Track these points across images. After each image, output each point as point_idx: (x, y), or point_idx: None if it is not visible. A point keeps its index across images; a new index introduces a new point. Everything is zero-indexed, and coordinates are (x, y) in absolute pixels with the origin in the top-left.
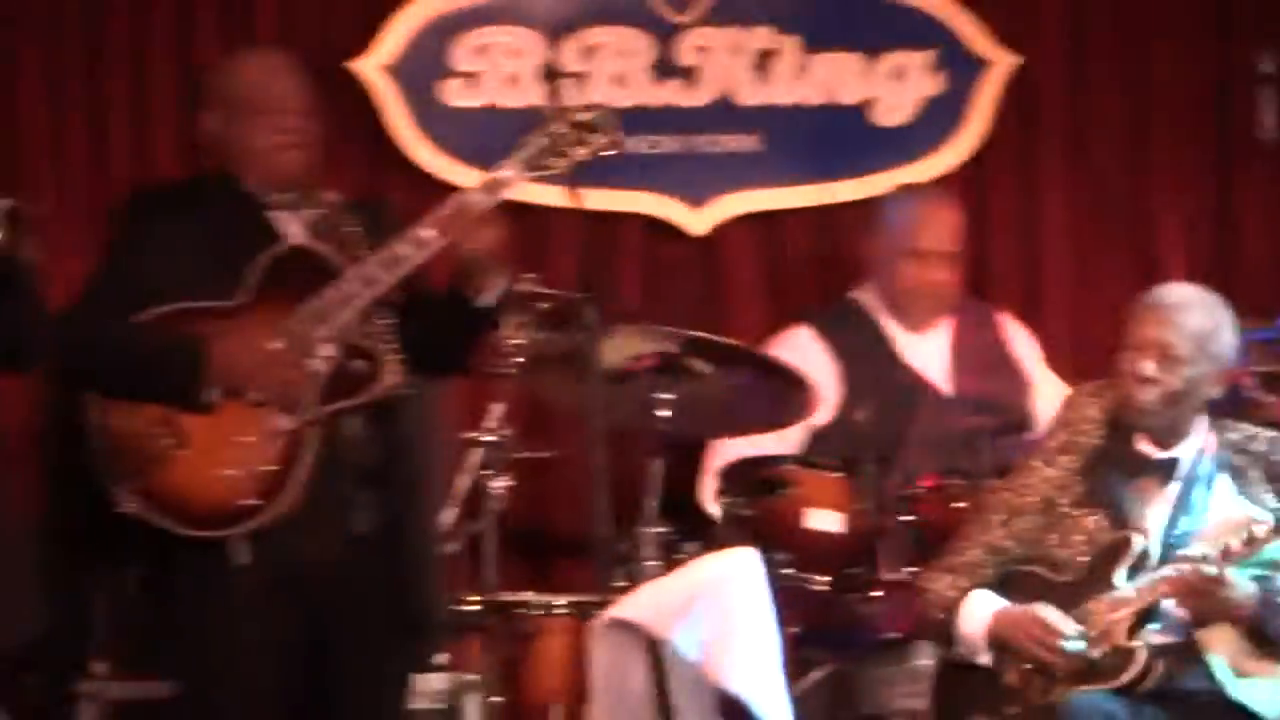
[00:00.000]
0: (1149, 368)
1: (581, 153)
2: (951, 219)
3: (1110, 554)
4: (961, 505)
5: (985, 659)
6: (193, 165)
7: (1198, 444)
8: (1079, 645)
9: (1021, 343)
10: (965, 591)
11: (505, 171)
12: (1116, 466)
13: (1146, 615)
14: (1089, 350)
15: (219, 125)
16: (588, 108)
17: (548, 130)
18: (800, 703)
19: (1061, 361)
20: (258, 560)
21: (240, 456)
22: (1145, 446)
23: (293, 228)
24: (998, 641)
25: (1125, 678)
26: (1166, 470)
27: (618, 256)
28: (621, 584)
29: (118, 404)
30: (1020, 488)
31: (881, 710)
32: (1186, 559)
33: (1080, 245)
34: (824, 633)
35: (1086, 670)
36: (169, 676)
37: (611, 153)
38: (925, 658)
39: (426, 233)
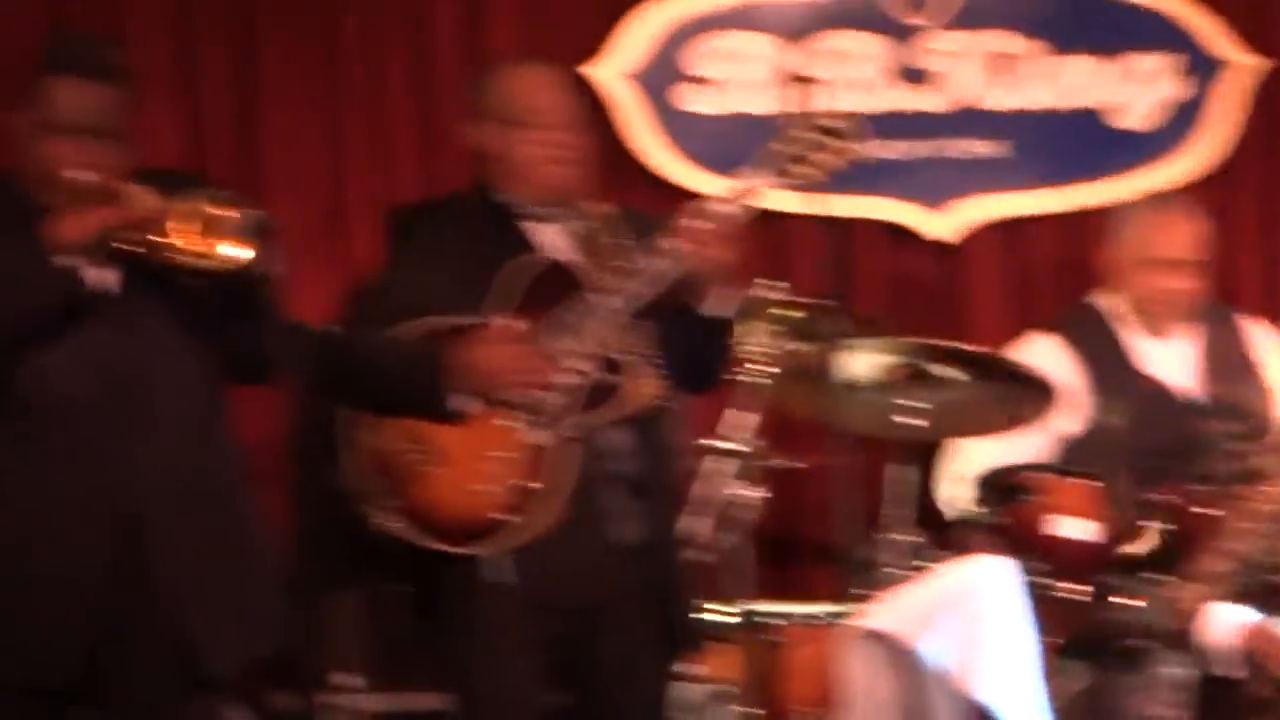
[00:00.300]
0: None
1: (829, 160)
2: (1193, 227)
3: None
4: (1207, 512)
5: (1232, 671)
6: (430, 174)
7: None
8: None
9: (1267, 348)
10: (1210, 602)
11: (752, 179)
12: None
13: None
14: None
15: (487, 138)
16: (833, 114)
17: (793, 136)
18: (1061, 714)
19: None
20: (519, 575)
21: (496, 472)
22: None
23: (554, 241)
24: (1246, 654)
25: None
26: None
27: (859, 263)
28: (871, 592)
29: (372, 421)
30: (1265, 496)
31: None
32: None
33: None
34: (1081, 642)
35: None
36: (426, 690)
37: (858, 159)
38: (1179, 667)
39: (674, 243)
